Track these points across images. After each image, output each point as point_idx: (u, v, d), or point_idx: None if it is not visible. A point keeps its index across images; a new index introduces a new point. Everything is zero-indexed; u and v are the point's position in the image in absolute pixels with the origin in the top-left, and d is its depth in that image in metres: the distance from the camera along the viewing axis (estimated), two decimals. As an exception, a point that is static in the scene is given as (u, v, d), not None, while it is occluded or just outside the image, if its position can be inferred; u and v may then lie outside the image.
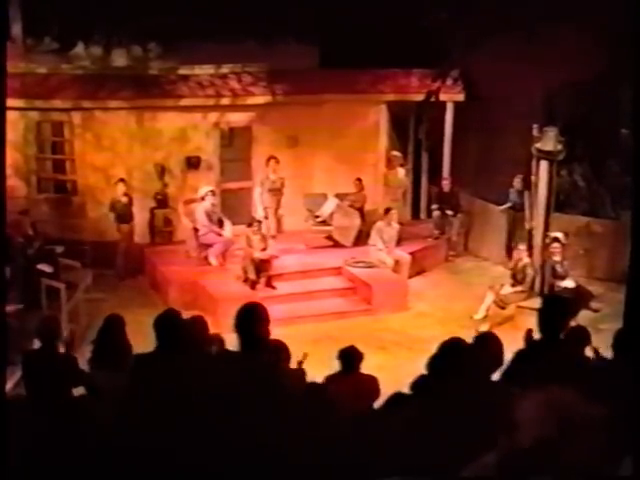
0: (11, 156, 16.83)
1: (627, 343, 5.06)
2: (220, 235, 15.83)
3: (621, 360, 4.78)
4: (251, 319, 5.09)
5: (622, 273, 10.97)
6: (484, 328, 12.68)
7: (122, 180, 16.35)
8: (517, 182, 17.07)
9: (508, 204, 17.23)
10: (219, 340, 6.29)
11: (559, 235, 14.65)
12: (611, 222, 16.27)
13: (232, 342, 5.32)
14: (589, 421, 2.61)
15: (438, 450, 3.61)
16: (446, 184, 18.12)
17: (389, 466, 3.47)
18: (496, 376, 5.04)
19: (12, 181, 16.82)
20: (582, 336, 6.38)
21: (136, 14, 16.35)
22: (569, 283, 14.33)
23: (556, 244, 14.49)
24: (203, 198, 15.85)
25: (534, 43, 15.41)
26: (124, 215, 16.29)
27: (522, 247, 14.87)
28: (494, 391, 4.25)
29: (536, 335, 5.66)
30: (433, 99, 17.57)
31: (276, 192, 16.95)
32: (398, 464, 3.47)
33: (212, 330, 6.71)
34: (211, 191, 15.97)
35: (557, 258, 14.46)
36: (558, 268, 14.40)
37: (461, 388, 4.11)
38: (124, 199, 16.28)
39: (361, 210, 17.36)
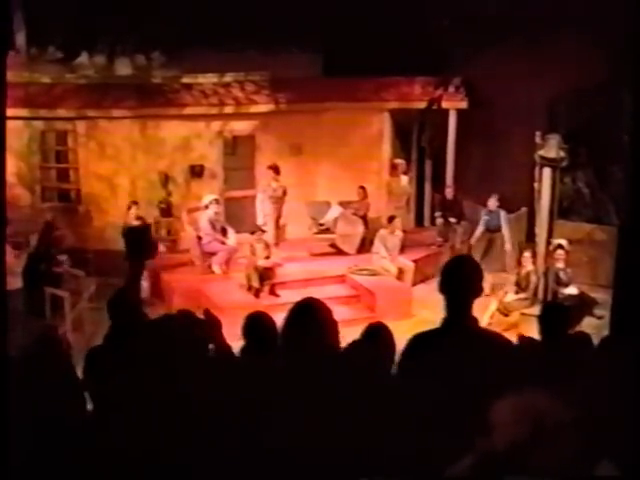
0: (15, 165, 16.92)
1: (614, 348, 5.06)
2: (224, 243, 15.85)
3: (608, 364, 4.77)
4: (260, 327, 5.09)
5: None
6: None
7: (135, 203, 15.76)
8: (492, 203, 16.71)
9: (481, 228, 16.80)
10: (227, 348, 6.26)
11: (563, 242, 14.63)
12: (615, 229, 16.22)
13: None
14: (561, 425, 2.66)
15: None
16: (449, 192, 18.10)
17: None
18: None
19: (16, 190, 16.90)
20: (584, 342, 6.37)
21: (140, 23, 16.41)
22: (572, 290, 14.31)
23: (560, 251, 14.46)
24: (207, 207, 15.87)
25: (536, 50, 15.43)
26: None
27: (527, 254, 14.84)
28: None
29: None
30: (435, 107, 17.58)
31: (277, 200, 16.96)
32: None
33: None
34: (215, 200, 15.99)
35: (560, 265, 14.44)
36: (562, 275, 14.39)
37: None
38: (136, 223, 15.53)
39: (364, 218, 17.37)
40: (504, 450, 2.62)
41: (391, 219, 16.55)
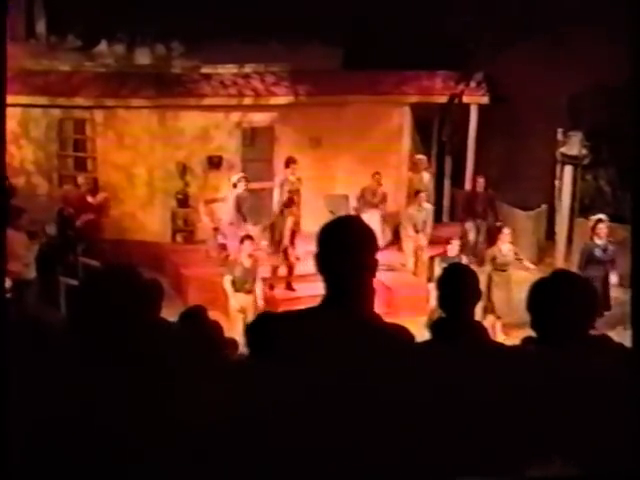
0: (33, 153, 16.93)
1: None
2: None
3: None
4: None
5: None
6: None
7: (249, 237, 13.43)
8: (453, 248, 13.91)
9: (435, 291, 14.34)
10: (233, 343, 6.20)
11: (602, 216, 14.13)
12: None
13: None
14: None
15: None
16: (480, 183, 17.74)
17: None
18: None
19: (34, 178, 16.91)
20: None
21: (160, 13, 16.33)
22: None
23: (601, 225, 13.76)
24: (235, 185, 15.40)
25: (559, 46, 15.27)
26: (244, 283, 13.12)
27: None
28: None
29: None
30: (456, 102, 17.43)
31: (295, 193, 16.75)
32: None
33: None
34: (243, 177, 15.49)
35: (601, 241, 13.82)
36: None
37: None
38: (247, 262, 13.12)
39: (380, 207, 17.00)
40: None
41: (417, 194, 16.28)
